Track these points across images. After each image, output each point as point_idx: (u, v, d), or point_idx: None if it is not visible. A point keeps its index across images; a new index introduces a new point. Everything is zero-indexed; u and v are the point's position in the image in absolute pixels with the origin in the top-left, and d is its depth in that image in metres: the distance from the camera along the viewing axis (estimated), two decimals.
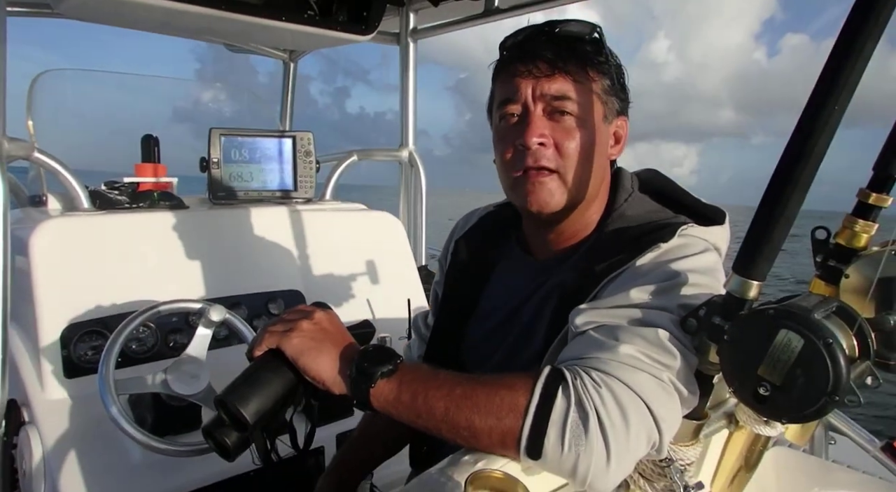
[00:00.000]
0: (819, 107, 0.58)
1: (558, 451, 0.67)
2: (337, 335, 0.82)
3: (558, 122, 0.90)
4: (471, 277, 1.08)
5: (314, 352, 0.79)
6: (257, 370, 0.79)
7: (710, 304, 0.71)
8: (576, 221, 0.96)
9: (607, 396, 0.68)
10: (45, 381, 1.38)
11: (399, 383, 0.75)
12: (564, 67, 0.89)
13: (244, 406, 0.76)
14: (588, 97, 0.91)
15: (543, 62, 0.89)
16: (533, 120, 0.89)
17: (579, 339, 0.77)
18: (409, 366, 0.78)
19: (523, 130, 0.89)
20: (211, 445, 0.79)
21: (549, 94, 0.89)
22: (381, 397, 0.75)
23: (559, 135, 0.90)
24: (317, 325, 0.81)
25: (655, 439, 0.71)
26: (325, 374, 0.78)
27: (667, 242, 0.82)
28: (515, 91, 0.90)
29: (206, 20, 1.58)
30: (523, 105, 0.90)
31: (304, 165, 1.90)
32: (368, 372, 0.75)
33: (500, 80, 0.95)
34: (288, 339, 0.79)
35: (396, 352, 0.79)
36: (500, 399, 0.71)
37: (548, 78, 0.89)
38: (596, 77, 0.92)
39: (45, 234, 1.41)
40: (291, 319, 0.82)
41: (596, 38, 0.93)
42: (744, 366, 0.65)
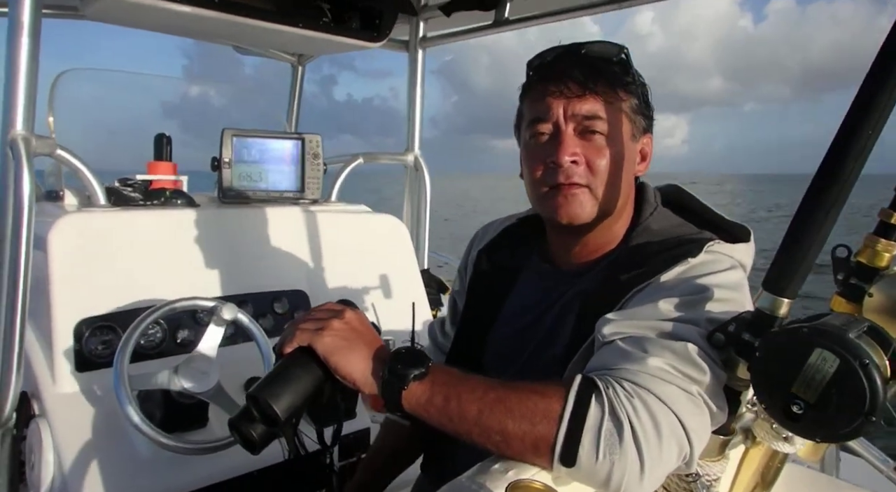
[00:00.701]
0: (854, 127, 0.59)
1: (593, 458, 0.68)
2: (368, 335, 0.83)
3: (589, 140, 0.93)
4: (493, 286, 1.10)
5: (346, 351, 0.79)
6: (288, 367, 0.80)
7: (740, 320, 0.72)
8: (601, 235, 0.98)
9: (640, 406, 0.69)
10: (56, 374, 1.39)
11: (431, 386, 0.76)
12: (594, 88, 0.92)
13: (276, 402, 0.77)
14: (617, 116, 0.94)
15: (574, 82, 0.92)
16: (565, 139, 0.92)
17: (607, 349, 0.78)
18: (440, 369, 0.79)
19: (556, 148, 0.92)
20: (236, 437, 0.81)
21: (581, 113, 0.92)
22: (413, 400, 0.76)
23: (590, 153, 0.92)
24: (348, 324, 0.82)
25: (687, 452, 0.71)
26: (357, 374, 0.79)
27: (695, 258, 0.84)
28: (547, 110, 0.93)
29: (224, 24, 1.61)
30: (554, 124, 0.93)
31: (312, 166, 1.93)
32: (401, 374, 0.76)
33: (529, 99, 0.97)
34: (320, 337, 0.79)
35: (428, 355, 0.79)
36: (533, 404, 0.71)
37: (579, 98, 0.92)
38: (624, 96, 0.95)
39: (63, 229, 1.43)
40: (322, 318, 0.82)
41: (623, 58, 0.96)
42: (776, 383, 0.65)
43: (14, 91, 1.13)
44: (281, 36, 1.82)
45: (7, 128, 1.14)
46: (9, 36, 1.11)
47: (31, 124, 1.16)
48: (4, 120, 1.14)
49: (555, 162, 0.92)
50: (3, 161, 1.16)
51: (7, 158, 1.15)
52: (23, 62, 1.12)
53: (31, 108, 1.15)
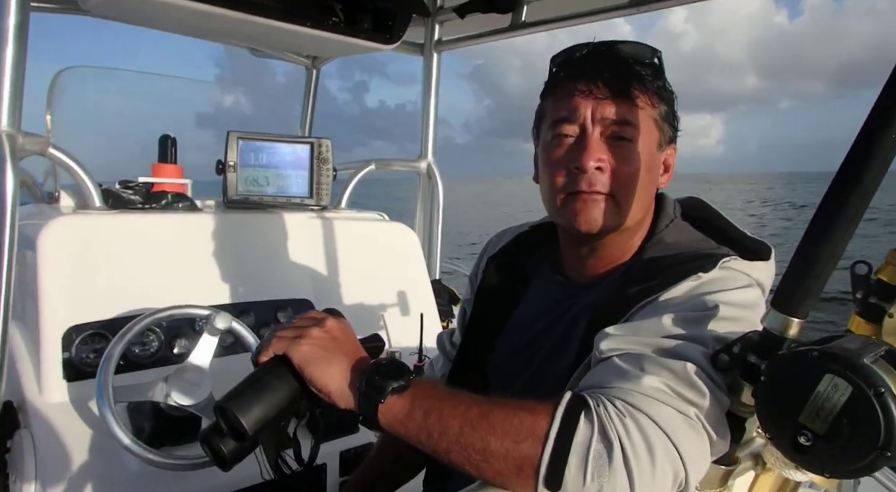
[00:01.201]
0: (873, 134, 0.54)
1: (580, 481, 0.63)
2: (348, 346, 0.78)
3: (616, 147, 0.87)
4: (501, 296, 1.05)
5: (323, 361, 0.74)
6: (261, 377, 0.74)
7: (746, 340, 0.66)
8: (618, 246, 0.93)
9: (632, 427, 0.64)
10: (43, 383, 1.34)
11: (412, 400, 0.71)
12: (626, 91, 0.86)
13: (244, 414, 0.71)
14: (647, 123, 0.89)
15: (604, 83, 0.86)
16: (591, 143, 0.86)
17: (603, 365, 0.73)
18: (422, 382, 0.73)
19: (580, 153, 0.86)
20: (207, 452, 0.75)
21: (610, 118, 0.86)
22: (391, 414, 0.71)
23: (616, 160, 0.87)
24: (328, 333, 0.77)
25: (682, 479, 0.66)
26: (333, 385, 0.73)
27: (707, 273, 0.78)
28: (573, 111, 0.87)
29: (231, 23, 1.57)
30: (580, 126, 0.88)
31: (321, 172, 1.87)
32: (379, 386, 0.71)
33: (553, 97, 0.91)
34: (297, 345, 0.74)
35: (410, 368, 0.74)
36: (518, 422, 0.66)
37: (609, 100, 0.86)
38: (656, 103, 0.89)
39: (54, 231, 1.39)
40: (302, 326, 0.77)
41: (656, 62, 0.91)
42: (782, 411, 0.60)
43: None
44: (291, 36, 1.78)
45: None
46: None
47: (16, 121, 1.11)
48: None
49: (578, 167, 0.86)
50: None
51: None
52: (8, 57, 1.08)
53: (18, 104, 1.11)
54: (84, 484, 1.25)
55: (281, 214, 1.81)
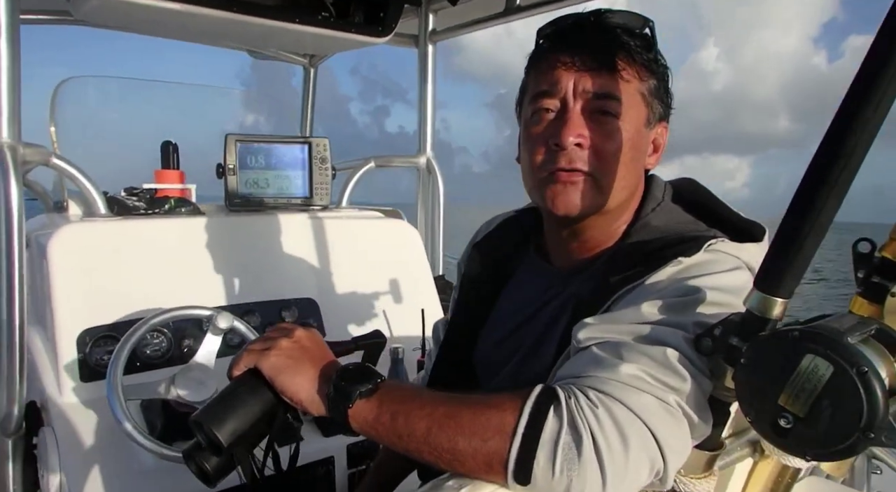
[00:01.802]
0: (859, 100, 0.51)
1: (549, 475, 0.62)
2: (316, 353, 0.79)
3: (598, 122, 0.82)
4: (485, 284, 1.03)
5: (291, 371, 0.75)
6: (234, 391, 0.76)
7: (727, 322, 0.64)
8: (601, 230, 0.89)
9: (604, 416, 0.63)
10: (62, 384, 1.40)
11: (379, 403, 0.71)
12: (611, 62, 0.81)
13: (219, 428, 0.73)
14: (633, 98, 0.84)
15: (588, 54, 0.81)
16: (571, 117, 0.82)
17: (580, 355, 0.72)
18: (390, 385, 0.74)
19: (560, 128, 0.82)
20: (192, 470, 0.77)
21: (592, 91, 0.82)
22: (360, 418, 0.71)
23: (598, 136, 0.82)
24: (296, 343, 0.78)
25: (659, 467, 0.65)
26: (303, 393, 0.75)
27: (689, 257, 0.75)
28: (555, 84, 0.83)
29: (222, 24, 1.59)
30: (561, 100, 0.83)
31: (320, 171, 1.89)
32: (346, 391, 0.72)
33: (535, 71, 0.87)
34: (265, 357, 0.76)
35: (378, 372, 0.75)
36: (485, 419, 0.66)
37: (592, 72, 0.81)
38: (644, 76, 0.84)
39: (63, 239, 1.44)
40: (271, 337, 0.79)
41: (647, 33, 0.85)
42: (762, 394, 0.58)
43: None
44: (287, 36, 1.80)
45: None
46: None
47: (16, 132, 1.15)
48: None
49: (557, 143, 0.81)
50: None
51: None
52: (3, 69, 1.11)
53: (16, 115, 1.14)
54: (104, 477, 1.31)
55: (282, 214, 1.84)
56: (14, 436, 1.33)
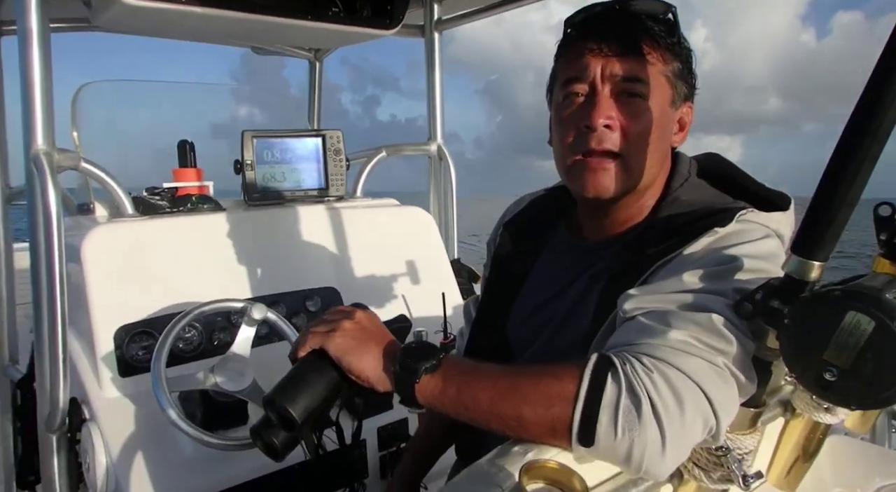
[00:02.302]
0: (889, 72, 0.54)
1: (611, 436, 0.66)
2: (378, 334, 0.83)
3: (626, 104, 0.87)
4: (516, 260, 1.08)
5: (358, 351, 0.79)
6: (303, 371, 0.81)
7: (768, 286, 0.67)
8: (630, 207, 0.94)
9: (660, 380, 0.67)
10: (102, 380, 1.45)
11: (443, 378, 0.75)
12: (637, 47, 0.86)
13: (292, 406, 0.77)
14: (658, 80, 0.88)
15: (614, 40, 0.86)
16: (600, 100, 0.86)
17: (628, 324, 0.76)
18: (452, 360, 0.78)
19: (590, 111, 0.86)
20: (259, 445, 0.82)
21: (619, 74, 0.86)
22: (427, 392, 0.75)
23: (626, 118, 0.87)
24: (358, 324, 0.82)
25: (712, 425, 0.69)
26: (370, 372, 0.79)
27: (724, 228, 0.79)
28: (583, 69, 0.87)
29: (234, 23, 1.61)
30: (590, 84, 0.87)
31: (335, 163, 1.93)
32: (412, 368, 0.75)
33: (565, 58, 0.92)
34: (331, 339, 0.80)
35: (438, 347, 0.79)
36: (546, 388, 0.70)
37: (618, 57, 0.86)
38: (668, 59, 0.89)
39: (95, 240, 1.48)
40: (333, 320, 0.83)
41: (670, 18, 0.89)
42: (807, 351, 0.62)
43: (31, 107, 1.15)
44: (294, 31, 1.82)
45: (29, 144, 1.17)
46: (21, 53, 1.14)
47: (50, 139, 1.18)
48: (25, 137, 1.17)
49: (588, 125, 0.86)
50: (30, 178, 1.19)
51: (32, 174, 1.18)
52: (36, 78, 1.15)
53: (50, 122, 1.18)
54: (147, 468, 1.36)
55: (300, 206, 1.87)
56: (58, 432, 1.38)
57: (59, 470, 1.41)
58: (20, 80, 1.15)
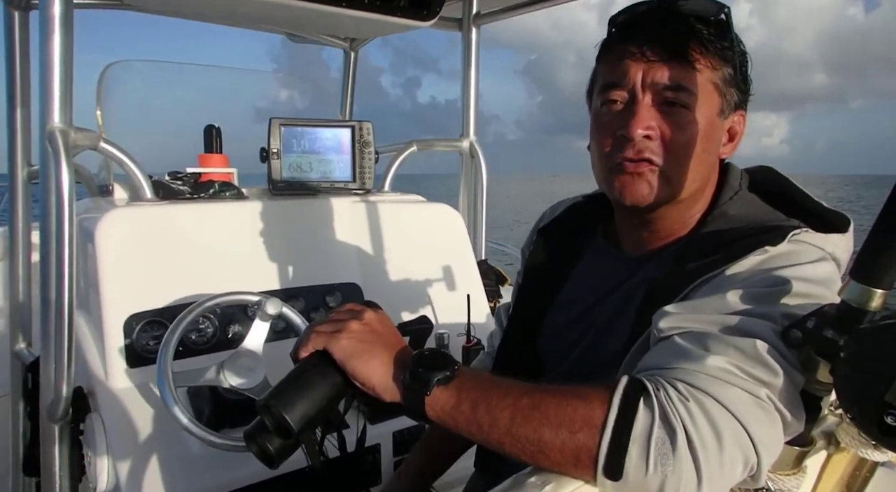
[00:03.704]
0: None
1: (642, 471, 0.60)
2: (388, 337, 0.76)
3: (669, 114, 0.81)
4: (552, 267, 1.02)
5: (364, 355, 0.73)
6: (303, 373, 0.74)
7: (822, 314, 0.61)
8: (674, 220, 0.88)
9: (697, 411, 0.60)
10: (109, 369, 1.40)
11: (458, 391, 0.69)
12: (682, 52, 0.80)
13: (289, 412, 0.70)
14: (705, 88, 0.82)
15: (658, 44, 0.80)
16: (639, 109, 0.81)
17: (662, 345, 0.70)
18: (468, 372, 0.71)
19: (628, 119, 0.81)
20: (254, 451, 0.75)
21: (662, 82, 0.81)
22: (438, 406, 0.69)
23: (668, 128, 0.81)
24: (367, 326, 0.76)
25: (753, 464, 0.62)
26: (376, 379, 0.72)
27: (775, 247, 0.73)
28: (623, 75, 0.82)
29: (267, 8, 1.56)
30: (630, 92, 0.82)
31: (363, 155, 1.87)
32: (424, 378, 0.69)
33: (605, 61, 0.87)
34: (336, 340, 0.73)
35: (454, 357, 0.72)
36: (572, 410, 0.64)
37: (662, 63, 0.80)
38: (717, 65, 0.82)
39: (110, 224, 1.43)
40: (340, 319, 0.76)
41: (723, 19, 0.83)
42: (866, 390, 0.55)
43: (49, 84, 1.11)
44: (330, 19, 1.77)
45: (45, 121, 1.12)
46: (41, 28, 1.10)
47: (68, 117, 1.14)
48: (42, 114, 1.13)
49: (625, 135, 0.81)
50: (44, 156, 1.15)
51: (46, 152, 1.14)
52: (56, 54, 1.10)
53: (68, 100, 1.13)
54: (151, 463, 1.31)
55: (325, 198, 1.82)
56: (61, 421, 1.32)
57: (61, 461, 1.36)
58: (39, 55, 1.10)
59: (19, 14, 1.55)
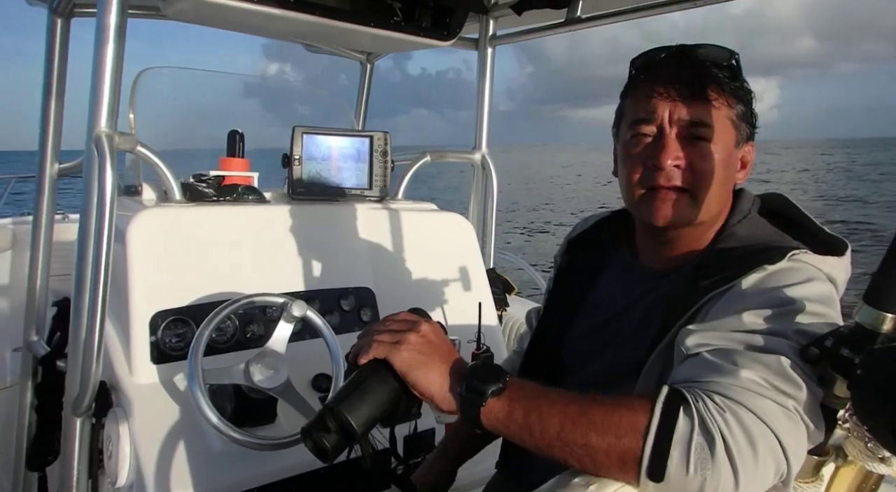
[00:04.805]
0: None
1: (682, 473, 0.65)
2: (445, 350, 0.82)
3: (693, 146, 0.92)
4: (579, 276, 1.11)
5: (424, 367, 0.79)
6: (366, 381, 0.79)
7: (838, 334, 0.67)
8: (692, 239, 0.97)
9: (732, 421, 0.66)
10: (133, 365, 1.42)
11: (510, 401, 0.75)
12: (703, 92, 0.91)
13: (355, 417, 0.76)
14: (723, 123, 0.92)
15: (682, 86, 0.91)
16: (668, 142, 0.91)
17: (693, 361, 0.76)
18: (518, 383, 0.77)
19: (658, 152, 0.91)
20: (309, 446, 0.80)
21: (687, 119, 0.91)
22: (492, 415, 0.75)
23: (693, 158, 0.91)
24: (424, 338, 0.81)
25: (784, 470, 0.68)
26: (435, 389, 0.78)
27: (773, 265, 0.81)
28: (652, 112, 0.92)
29: (296, 23, 1.62)
30: (658, 127, 0.92)
31: (380, 164, 1.93)
32: (480, 390, 0.75)
33: (633, 98, 0.97)
34: (397, 351, 0.79)
35: (505, 370, 0.78)
36: (618, 417, 0.69)
37: (685, 102, 0.91)
38: (732, 103, 0.93)
39: (141, 223, 1.47)
40: (399, 330, 0.82)
41: (734, 64, 0.94)
42: (881, 405, 0.60)
43: (100, 90, 1.16)
44: (352, 35, 1.83)
45: (92, 125, 1.17)
46: (97, 37, 1.15)
47: (114, 122, 1.19)
48: (90, 118, 1.17)
49: (656, 165, 0.91)
50: (89, 157, 1.20)
51: (92, 154, 1.18)
52: (108, 62, 1.15)
53: (116, 106, 1.18)
54: (172, 460, 1.34)
55: (342, 204, 1.87)
56: (83, 415, 1.36)
57: (80, 455, 1.38)
58: (92, 62, 1.15)
59: (62, 21, 1.60)
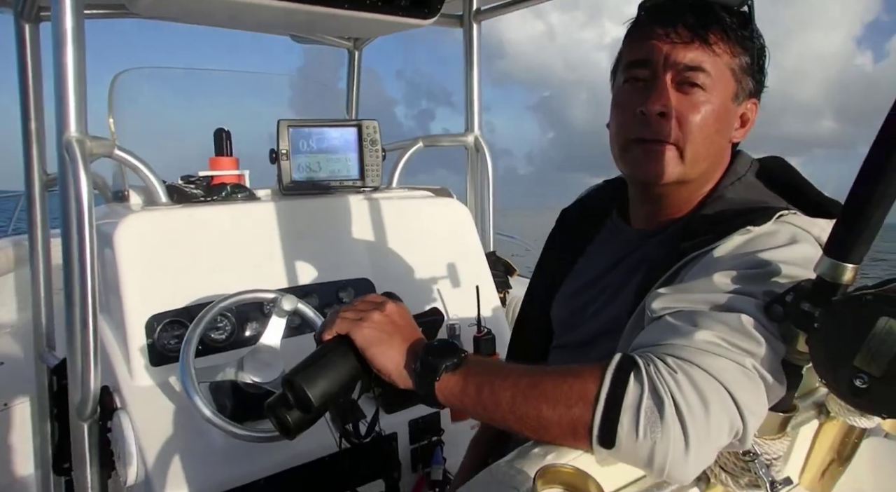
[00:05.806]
0: None
1: (633, 438, 0.64)
2: (407, 329, 0.82)
3: (686, 93, 0.86)
4: (569, 244, 1.09)
5: (384, 345, 0.79)
6: (326, 354, 0.80)
7: (798, 289, 0.66)
8: (679, 198, 0.93)
9: (684, 381, 0.65)
10: (133, 369, 1.44)
11: (465, 376, 0.75)
12: (704, 36, 0.85)
13: (311, 388, 0.76)
14: (722, 72, 0.87)
15: (684, 27, 0.85)
16: (658, 87, 0.86)
17: (655, 324, 0.75)
18: (474, 359, 0.77)
19: (647, 97, 0.86)
20: (273, 422, 0.81)
21: (683, 63, 0.85)
22: (447, 391, 0.75)
23: (684, 107, 0.86)
24: (388, 317, 0.81)
25: (739, 428, 0.66)
26: (392, 367, 0.78)
27: (758, 226, 0.78)
28: (647, 54, 0.87)
29: (271, 12, 1.59)
30: (652, 70, 0.87)
31: (370, 153, 1.90)
32: (433, 365, 0.75)
33: (631, 41, 0.92)
34: (359, 328, 0.79)
35: (461, 348, 0.78)
36: (568, 387, 0.68)
37: (685, 45, 0.85)
38: (736, 52, 0.87)
39: (128, 228, 1.47)
40: (363, 309, 0.82)
41: (745, 11, 0.88)
42: (837, 356, 0.60)
43: (64, 94, 1.15)
44: (332, 21, 1.79)
45: (61, 131, 1.16)
46: (54, 39, 1.13)
47: (83, 126, 1.17)
48: (58, 123, 1.16)
49: (643, 111, 0.86)
50: (61, 164, 1.19)
51: (64, 161, 1.17)
52: (69, 65, 1.14)
53: (83, 109, 1.17)
54: (178, 458, 1.35)
55: (335, 197, 1.85)
56: (90, 420, 1.37)
57: (91, 458, 1.41)
58: (53, 66, 1.14)
59: (30, 26, 1.59)
